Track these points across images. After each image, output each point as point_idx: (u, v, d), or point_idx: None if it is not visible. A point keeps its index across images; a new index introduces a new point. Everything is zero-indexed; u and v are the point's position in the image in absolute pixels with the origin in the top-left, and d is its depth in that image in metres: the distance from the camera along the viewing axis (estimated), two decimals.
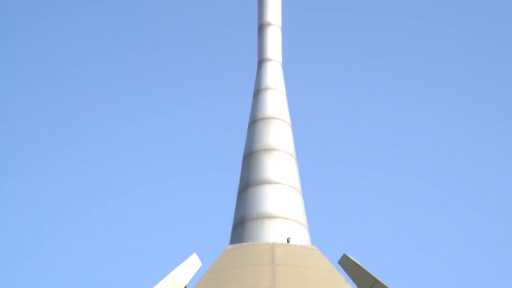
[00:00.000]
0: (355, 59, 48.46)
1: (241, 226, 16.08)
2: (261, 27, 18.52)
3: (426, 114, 47.85)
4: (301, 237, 15.92)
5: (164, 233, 49.50)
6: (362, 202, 48.51)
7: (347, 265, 17.04)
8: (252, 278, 13.33)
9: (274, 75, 18.20)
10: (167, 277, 16.43)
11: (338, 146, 49.67)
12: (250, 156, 17.40)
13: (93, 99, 49.48)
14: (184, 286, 16.85)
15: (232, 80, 46.18)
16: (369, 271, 16.19)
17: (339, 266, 17.20)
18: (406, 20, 48.71)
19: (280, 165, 17.06)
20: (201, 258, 17.84)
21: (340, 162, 49.56)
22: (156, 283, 16.06)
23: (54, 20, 48.59)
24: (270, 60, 18.21)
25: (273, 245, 14.90)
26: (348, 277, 16.71)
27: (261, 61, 18.27)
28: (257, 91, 18.32)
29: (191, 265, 17.42)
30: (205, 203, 49.30)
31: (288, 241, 15.48)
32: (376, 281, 15.80)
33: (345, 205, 48.66)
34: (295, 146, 18.00)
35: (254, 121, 17.88)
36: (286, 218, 16.06)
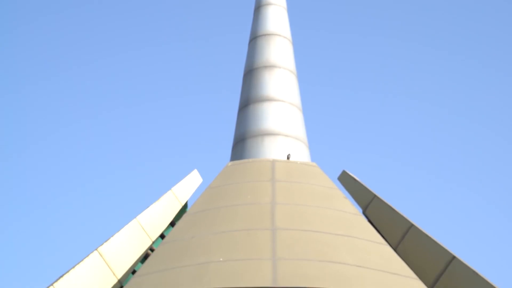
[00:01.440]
0: None
1: (242, 143, 16.14)
2: None
3: (427, 39, 47.53)
4: (301, 153, 16.01)
5: (166, 150, 49.77)
6: (362, 120, 48.57)
7: (346, 181, 17.19)
8: (252, 194, 13.46)
9: None
10: (169, 193, 16.60)
11: (339, 64, 49.42)
12: (251, 73, 17.33)
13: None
14: (185, 202, 17.04)
15: None
16: (367, 187, 16.35)
17: (338, 182, 17.35)
18: None
19: (280, 82, 17.01)
20: (202, 174, 17.99)
21: (340, 80, 49.40)
22: (157, 199, 16.25)
23: None
24: None
25: (273, 162, 14.99)
26: (347, 193, 16.89)
27: None
28: (258, 7, 18.12)
29: (192, 181, 17.58)
30: (206, 120, 49.40)
31: (288, 157, 15.56)
32: (374, 196, 15.97)
33: (345, 123, 48.75)
34: (295, 63, 17.91)
35: (255, 38, 17.74)
36: (286, 135, 16.10)
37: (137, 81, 50.05)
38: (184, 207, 16.90)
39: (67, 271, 13.34)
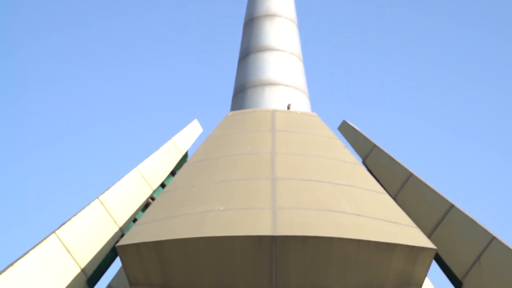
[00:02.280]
0: None
1: (242, 93, 16.12)
2: None
3: None
4: (301, 104, 15.99)
5: (166, 100, 49.72)
6: (362, 70, 48.41)
7: (346, 131, 17.22)
8: (252, 144, 13.48)
9: None
10: (169, 143, 16.65)
11: (340, 14, 49.04)
12: (251, 22, 17.22)
13: None
14: (185, 151, 17.10)
15: None
16: (367, 137, 16.38)
17: (338, 132, 17.38)
18: None
19: (281, 32, 16.91)
20: (202, 124, 18.02)
21: (341, 30, 49.08)
22: (157, 148, 16.30)
23: None
24: None
25: (274, 112, 14.98)
26: (347, 143, 16.93)
27: None
28: None
29: (192, 131, 17.62)
30: (206, 70, 49.24)
31: (288, 107, 15.56)
32: (374, 146, 16.01)
33: (346, 73, 48.60)
34: (296, 12, 17.79)
35: None
36: (287, 85, 16.08)
37: (139, 32, 49.78)
38: (185, 157, 16.96)
39: (69, 219, 13.45)
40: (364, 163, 16.02)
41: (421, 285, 11.20)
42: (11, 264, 12.55)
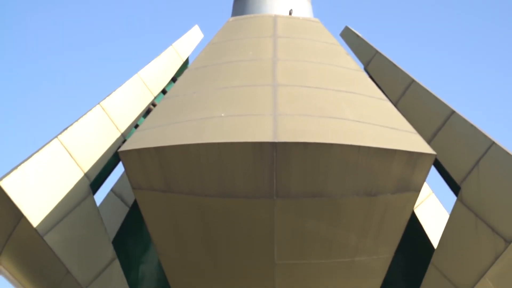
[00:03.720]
0: None
1: None
2: None
3: None
4: (303, 9, 15.81)
5: (166, 5, 49.08)
6: None
7: (349, 37, 17.07)
8: (254, 50, 13.40)
9: None
10: (169, 49, 16.55)
11: None
12: None
13: None
14: (186, 57, 17.01)
15: None
16: (370, 43, 16.25)
17: (340, 38, 17.23)
18: None
19: None
20: (202, 30, 17.85)
21: None
22: (158, 54, 16.22)
23: None
24: None
25: (275, 17, 14.82)
26: (349, 49, 16.82)
27: None
28: None
29: (193, 37, 17.47)
30: None
31: (290, 13, 15.39)
32: (376, 52, 15.90)
33: None
34: None
35: None
36: None
37: None
38: (185, 63, 16.89)
39: (71, 124, 13.53)
40: (366, 69, 15.96)
41: (419, 190, 11.35)
42: (15, 168, 12.71)
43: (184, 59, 16.78)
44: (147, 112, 15.04)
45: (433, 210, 16.37)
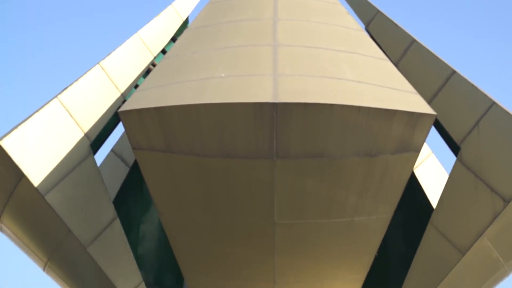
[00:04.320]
0: None
1: None
2: None
3: None
4: None
5: None
6: None
7: None
8: (254, 9, 13.31)
9: None
10: (169, 8, 16.44)
11: None
12: None
13: None
14: (186, 17, 16.91)
15: None
16: (371, 2, 16.14)
17: None
18: None
19: None
20: None
21: None
22: (158, 14, 16.12)
23: None
24: None
25: None
26: (350, 9, 16.70)
27: None
28: None
29: None
30: None
31: None
32: (377, 12, 15.80)
33: None
34: None
35: None
36: None
37: None
38: (185, 23, 16.79)
39: (70, 84, 13.50)
40: (367, 29, 15.87)
41: (419, 150, 11.37)
42: (15, 127, 12.72)
43: (184, 19, 16.68)
44: (147, 72, 15.00)
45: (433, 170, 16.41)
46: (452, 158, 13.37)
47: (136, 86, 14.50)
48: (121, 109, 11.02)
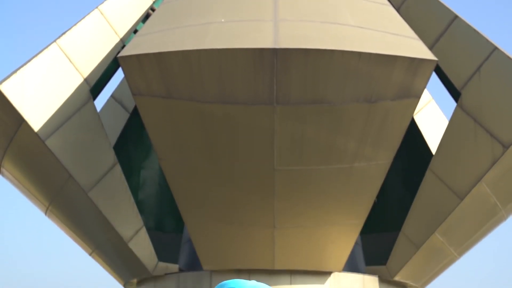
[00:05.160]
0: None
1: None
2: None
3: None
4: None
5: None
6: None
7: None
8: None
9: None
10: None
11: None
12: None
13: None
14: None
15: None
16: None
17: None
18: None
19: None
20: None
21: None
22: None
23: None
24: None
25: None
26: None
27: None
28: None
29: None
30: None
31: None
32: None
33: None
34: None
35: None
36: None
37: None
38: None
39: (69, 29, 13.40)
40: None
41: (420, 96, 11.35)
42: (14, 72, 12.67)
43: None
44: (146, 17, 14.86)
45: (433, 116, 16.39)
46: (452, 104, 13.36)
47: (135, 31, 14.38)
48: (120, 54, 10.95)
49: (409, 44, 11.20)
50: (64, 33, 13.31)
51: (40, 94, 12.71)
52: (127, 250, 13.55)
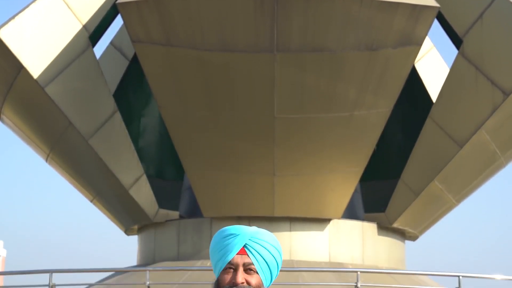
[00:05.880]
0: None
1: None
2: None
3: None
4: None
5: None
6: None
7: None
8: None
9: None
10: None
11: None
12: None
13: None
14: None
15: None
16: None
17: None
18: None
19: None
20: None
21: None
22: None
23: None
24: None
25: None
26: None
27: None
28: None
29: None
30: None
31: None
32: None
33: None
34: None
35: None
36: None
37: None
38: None
39: None
40: None
41: (421, 44, 11.28)
42: (12, 18, 12.56)
43: None
44: None
45: (434, 64, 16.29)
46: (453, 52, 13.27)
47: None
48: (119, 0, 10.85)
49: None
50: None
51: (39, 41, 12.62)
52: (127, 197, 13.61)
